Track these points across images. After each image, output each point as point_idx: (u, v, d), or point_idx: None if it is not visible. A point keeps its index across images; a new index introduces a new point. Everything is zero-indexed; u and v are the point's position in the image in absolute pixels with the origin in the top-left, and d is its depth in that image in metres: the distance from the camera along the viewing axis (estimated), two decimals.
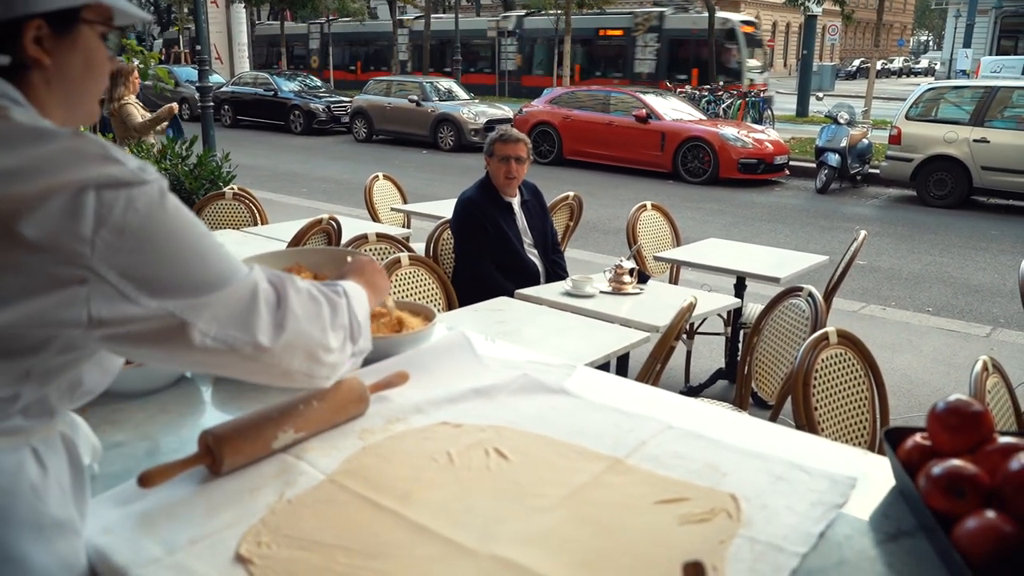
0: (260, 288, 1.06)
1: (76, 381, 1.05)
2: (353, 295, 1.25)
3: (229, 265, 1.04)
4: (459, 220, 3.98)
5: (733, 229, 9.36)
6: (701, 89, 20.34)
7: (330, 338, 1.16)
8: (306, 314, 1.12)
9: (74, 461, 1.10)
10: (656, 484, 1.23)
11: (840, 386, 2.62)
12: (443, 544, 1.09)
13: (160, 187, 0.98)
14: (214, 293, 1.01)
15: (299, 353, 1.11)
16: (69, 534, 1.05)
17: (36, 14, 0.99)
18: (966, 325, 6.17)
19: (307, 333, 1.12)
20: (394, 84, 19.04)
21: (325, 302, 1.17)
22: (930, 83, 11.91)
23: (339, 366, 1.20)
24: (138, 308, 0.95)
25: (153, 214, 0.96)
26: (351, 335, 1.21)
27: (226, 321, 1.02)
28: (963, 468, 1.08)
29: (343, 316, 1.20)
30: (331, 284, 1.23)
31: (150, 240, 0.96)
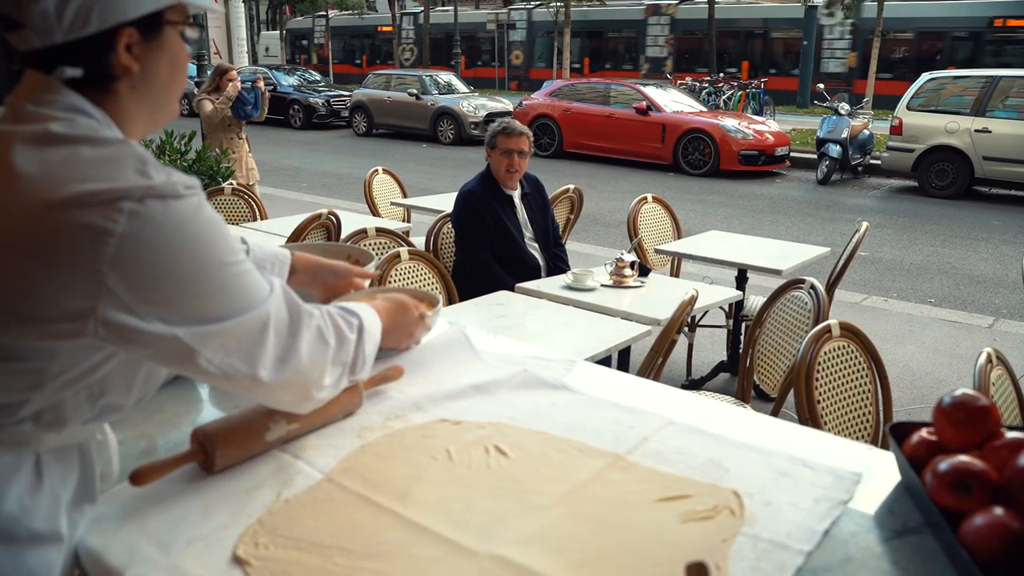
0: (272, 320, 1.05)
1: (96, 392, 1.04)
2: (368, 331, 1.25)
3: (249, 292, 1.03)
4: (460, 213, 3.96)
5: (734, 221, 9.33)
6: (701, 81, 20.29)
7: (326, 377, 1.16)
8: (311, 355, 1.11)
9: (85, 475, 1.10)
10: (658, 481, 1.22)
11: (843, 379, 2.61)
12: (442, 544, 1.08)
13: (196, 202, 0.97)
14: (227, 322, 1.00)
15: (292, 389, 1.12)
16: (46, 547, 1.03)
17: (128, 22, 0.99)
18: (968, 316, 6.15)
19: (306, 373, 1.11)
20: (394, 78, 19.00)
21: (334, 340, 1.16)
22: (932, 74, 11.85)
23: (327, 399, 1.22)
24: (146, 325, 0.94)
25: (179, 232, 0.94)
26: (351, 369, 1.22)
27: (233, 351, 1.01)
28: (970, 464, 1.07)
29: (347, 352, 1.20)
30: (349, 314, 1.23)
31: (170, 261, 0.94)
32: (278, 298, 1.07)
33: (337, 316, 1.19)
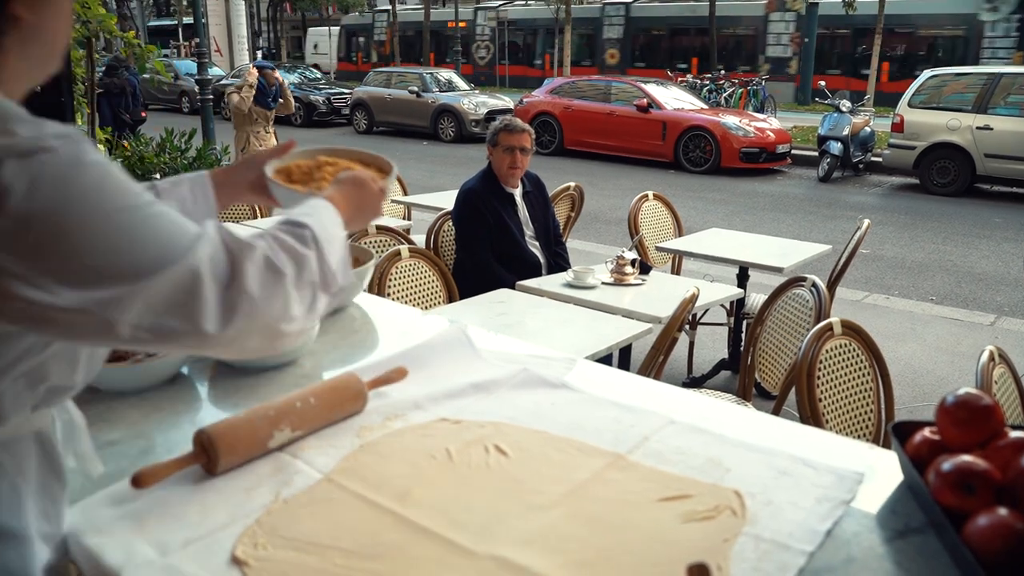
0: (204, 269, 0.90)
1: (37, 377, 0.95)
2: (326, 238, 1.07)
3: (169, 241, 0.89)
4: (460, 211, 3.95)
5: (735, 219, 9.32)
6: (702, 78, 20.26)
7: (293, 307, 1.00)
8: (264, 291, 0.96)
9: (48, 463, 1.04)
10: (658, 480, 1.21)
11: (844, 377, 2.60)
12: (442, 544, 1.07)
13: (72, 152, 0.85)
14: (146, 280, 0.86)
15: (254, 334, 0.97)
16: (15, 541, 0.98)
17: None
18: (970, 314, 6.14)
19: (264, 312, 0.96)
20: (394, 75, 18.98)
21: (290, 265, 1.00)
22: (933, 70, 11.83)
23: (307, 329, 1.07)
24: (50, 298, 0.82)
25: (64, 187, 0.82)
26: (322, 286, 1.06)
27: (162, 310, 0.88)
28: (973, 464, 1.06)
29: (310, 271, 1.03)
30: (297, 227, 1.05)
31: (61, 221, 0.82)
32: (210, 239, 0.93)
33: (285, 235, 1.03)
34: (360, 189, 1.31)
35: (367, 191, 1.32)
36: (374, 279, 3.21)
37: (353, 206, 1.27)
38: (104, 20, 5.40)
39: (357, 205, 1.28)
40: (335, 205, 1.20)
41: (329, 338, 1.77)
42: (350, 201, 1.26)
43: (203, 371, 1.63)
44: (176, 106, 22.30)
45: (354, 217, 1.27)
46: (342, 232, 1.16)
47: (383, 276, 3.22)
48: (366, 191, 1.32)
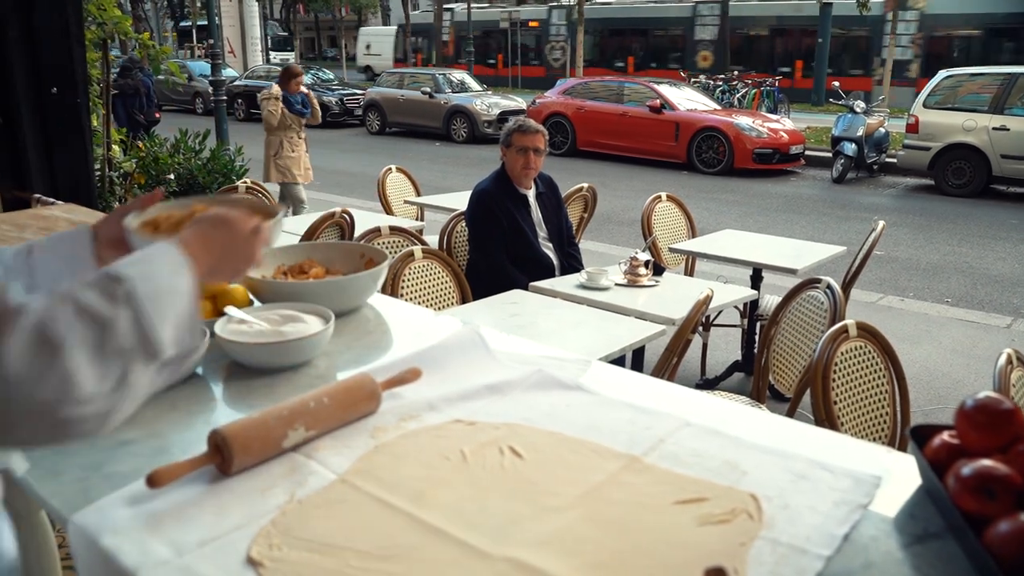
0: None
1: None
2: (147, 293, 0.88)
3: None
4: (474, 212, 3.95)
5: (748, 220, 9.29)
6: (715, 79, 20.20)
7: (83, 384, 0.81)
8: (29, 368, 0.77)
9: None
10: (674, 483, 1.20)
11: (860, 380, 2.59)
12: (457, 546, 1.07)
13: None
14: None
15: (19, 423, 0.80)
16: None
17: None
18: (986, 316, 6.10)
19: (27, 395, 0.78)
20: (407, 76, 19.04)
21: (79, 332, 0.81)
22: (948, 71, 11.76)
23: (116, 411, 0.88)
24: None
25: None
26: (143, 354, 0.87)
27: None
28: (994, 468, 1.05)
29: (118, 336, 0.84)
30: (109, 281, 0.87)
31: None
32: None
33: (86, 291, 0.84)
34: (224, 229, 1.08)
35: (234, 231, 1.09)
36: (388, 280, 3.21)
37: (215, 250, 1.05)
38: (120, 21, 5.43)
39: (221, 249, 1.06)
40: (186, 250, 0.99)
41: (343, 339, 1.77)
42: (210, 244, 1.05)
43: (218, 371, 1.63)
44: (190, 107, 22.42)
45: (218, 265, 1.05)
46: (185, 283, 0.95)
47: (396, 277, 3.23)
48: (232, 231, 1.09)
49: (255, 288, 1.86)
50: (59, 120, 4.02)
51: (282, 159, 7.44)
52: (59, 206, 3.01)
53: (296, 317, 1.67)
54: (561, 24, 29.15)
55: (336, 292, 1.86)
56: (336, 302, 1.81)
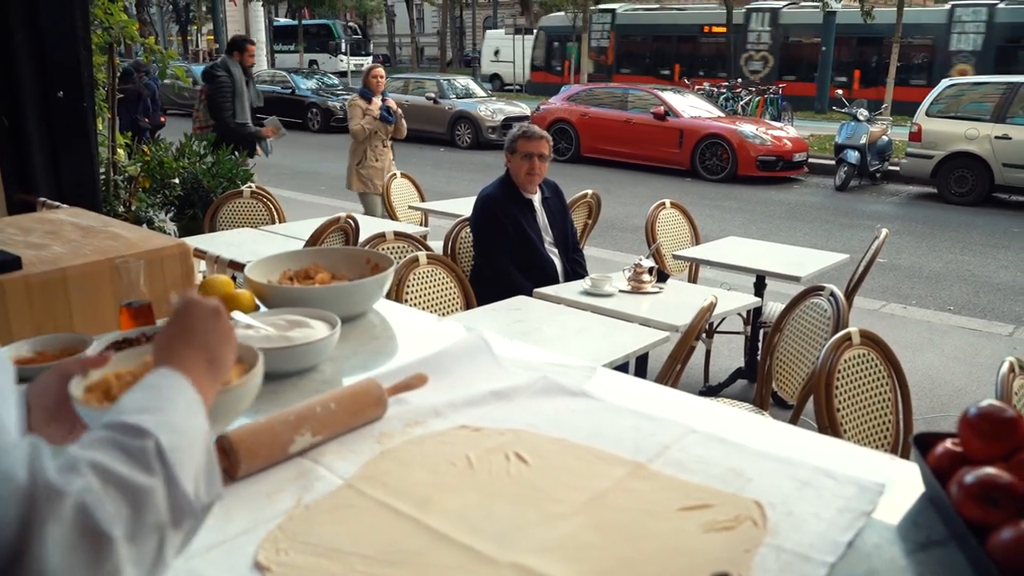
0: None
1: None
2: (175, 446, 0.76)
3: None
4: (479, 217, 3.96)
5: (752, 227, 9.29)
6: (719, 86, 20.21)
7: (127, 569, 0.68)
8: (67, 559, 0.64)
9: None
10: (679, 490, 1.21)
11: (863, 387, 2.59)
12: (462, 551, 1.07)
13: None
14: None
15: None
16: None
17: None
18: (988, 324, 6.10)
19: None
20: (411, 82, 19.06)
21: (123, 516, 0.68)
22: (951, 80, 11.76)
23: None
24: None
25: None
26: (174, 523, 0.74)
27: None
28: (997, 476, 1.05)
29: (155, 509, 0.72)
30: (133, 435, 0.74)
31: None
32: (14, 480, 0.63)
33: (115, 463, 0.70)
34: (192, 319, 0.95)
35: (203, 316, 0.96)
36: (392, 286, 3.22)
37: (203, 348, 0.93)
38: (126, 26, 5.46)
39: (211, 352, 0.93)
40: (184, 369, 0.87)
41: (349, 344, 1.78)
42: (194, 343, 0.92)
43: None
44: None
45: (212, 370, 0.93)
46: (201, 421, 0.84)
47: (401, 282, 3.24)
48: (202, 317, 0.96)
49: (261, 293, 1.87)
50: (64, 124, 4.04)
51: (365, 168, 7.18)
52: (64, 209, 3.03)
53: (302, 322, 1.68)
54: (763, 30, 24.72)
55: (342, 297, 1.87)
56: (342, 307, 1.82)
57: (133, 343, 1.58)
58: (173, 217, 6.39)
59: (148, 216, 5.93)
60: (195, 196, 6.20)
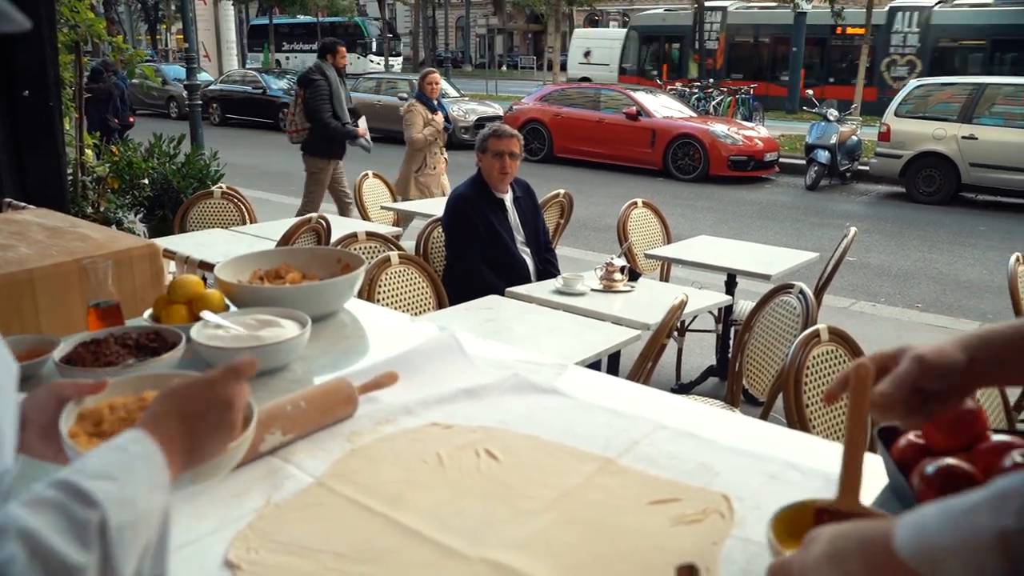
0: None
1: None
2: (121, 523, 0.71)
3: None
4: (450, 217, 3.96)
5: (723, 226, 9.36)
6: (691, 86, 20.32)
7: None
8: None
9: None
10: (648, 485, 1.22)
11: (831, 383, 2.62)
12: (434, 548, 1.08)
13: None
14: None
15: None
16: None
17: None
18: (955, 321, 6.19)
19: None
20: (384, 82, 18.99)
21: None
22: (919, 80, 11.93)
23: None
24: None
25: None
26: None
27: None
28: (957, 467, 1.07)
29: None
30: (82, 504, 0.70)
31: None
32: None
33: (51, 527, 0.67)
34: (199, 397, 0.90)
35: (212, 396, 0.91)
36: (364, 285, 3.21)
37: (192, 432, 0.88)
38: (93, 24, 5.40)
39: (200, 428, 0.89)
40: (163, 444, 0.83)
41: (320, 344, 1.78)
42: (187, 427, 0.88)
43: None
44: (164, 111, 22.23)
45: (194, 449, 0.88)
46: (161, 503, 0.79)
47: (373, 282, 3.23)
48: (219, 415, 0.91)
49: (231, 293, 1.86)
50: (30, 123, 3.99)
51: (424, 176, 6.92)
52: (31, 210, 2.99)
53: (272, 322, 1.67)
54: (910, 32, 21.64)
55: (313, 297, 1.86)
56: (313, 307, 1.81)
57: (101, 344, 1.57)
58: (143, 218, 6.33)
59: (117, 217, 5.88)
60: (165, 197, 6.14)
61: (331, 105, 6.92)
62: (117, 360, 1.53)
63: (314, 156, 7.12)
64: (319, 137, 6.95)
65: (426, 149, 6.93)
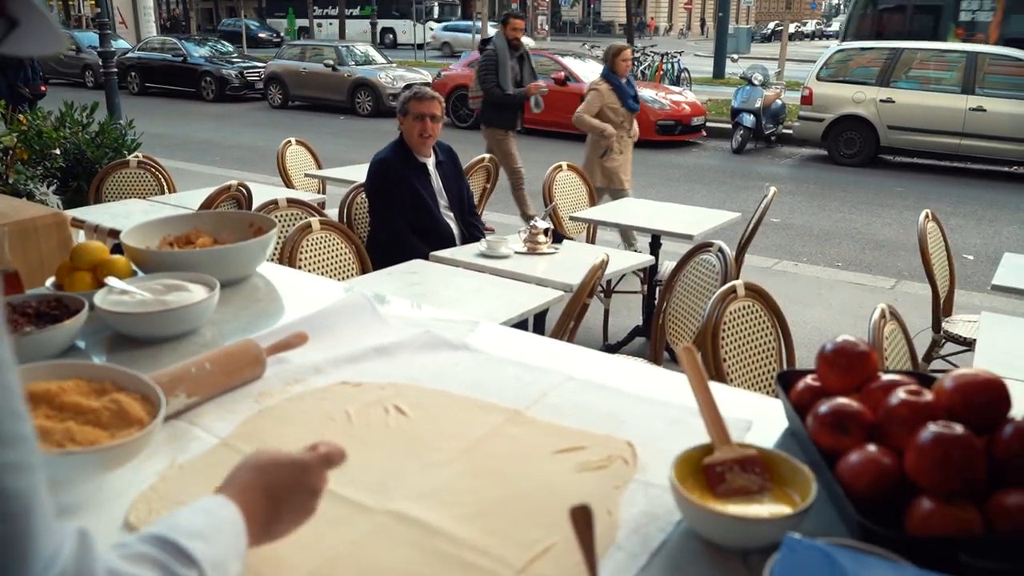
0: None
1: None
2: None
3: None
4: (373, 181, 3.92)
5: (651, 190, 9.45)
6: None
7: None
8: None
9: None
10: (555, 434, 1.24)
11: (748, 337, 2.68)
12: (339, 503, 1.07)
13: None
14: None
15: None
16: None
17: None
18: (872, 278, 6.39)
19: None
20: (309, 48, 18.61)
21: None
22: (840, 45, 12.16)
23: None
24: None
25: None
26: None
27: None
28: (847, 405, 1.11)
29: None
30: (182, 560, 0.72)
31: None
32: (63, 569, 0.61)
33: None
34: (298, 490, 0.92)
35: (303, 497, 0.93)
36: (284, 253, 3.16)
37: (271, 517, 0.89)
38: None
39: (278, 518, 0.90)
40: (244, 514, 0.85)
41: (231, 308, 1.75)
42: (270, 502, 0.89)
43: (99, 344, 1.59)
44: (80, 80, 21.42)
45: (269, 531, 0.90)
46: (239, 568, 0.82)
47: (294, 249, 3.18)
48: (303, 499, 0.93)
49: (138, 259, 1.81)
50: None
51: (611, 161, 6.18)
52: None
53: (180, 286, 1.64)
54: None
55: (222, 260, 1.83)
56: (223, 271, 1.78)
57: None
58: (56, 190, 6.10)
59: (28, 189, 5.65)
60: (79, 168, 5.93)
61: (496, 74, 6.96)
62: (15, 328, 1.48)
63: (490, 127, 7.29)
64: (489, 107, 7.16)
65: (613, 133, 6.13)
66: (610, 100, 6.12)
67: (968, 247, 7.31)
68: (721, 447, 1.09)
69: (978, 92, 10.46)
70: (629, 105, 6.18)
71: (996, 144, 10.40)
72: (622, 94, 6.15)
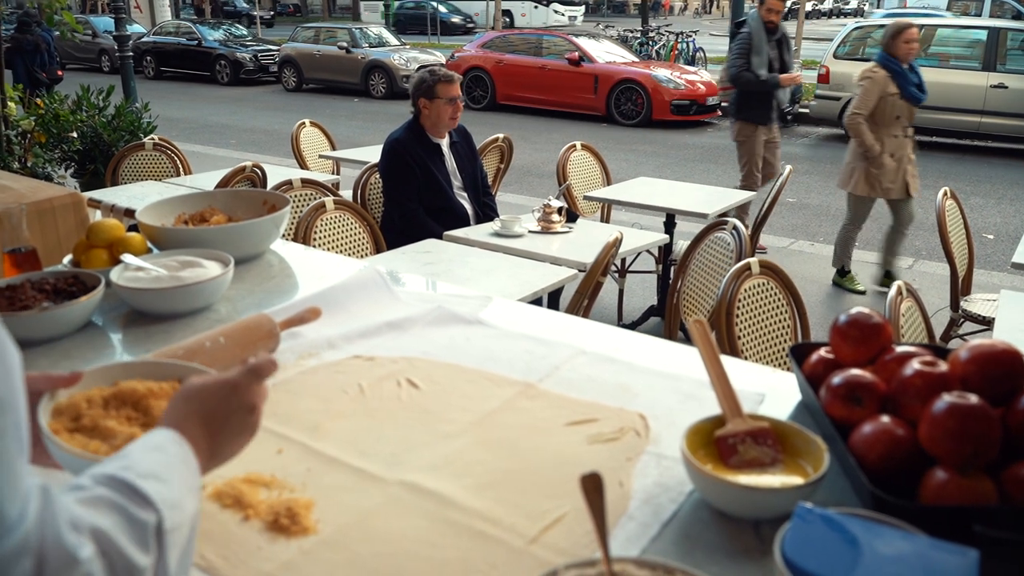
0: None
1: None
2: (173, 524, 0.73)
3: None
4: (387, 162, 3.91)
5: (666, 170, 9.41)
6: (633, 31, 20.23)
7: None
8: None
9: None
10: (567, 407, 1.24)
11: (763, 314, 2.67)
12: (352, 473, 1.08)
13: None
14: None
15: None
16: None
17: None
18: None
19: None
20: (323, 31, 18.58)
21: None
22: (857, 22, 12.02)
23: None
24: None
25: None
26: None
27: None
28: (860, 376, 1.10)
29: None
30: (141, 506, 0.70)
31: None
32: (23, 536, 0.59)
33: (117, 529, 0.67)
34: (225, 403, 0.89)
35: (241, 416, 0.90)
36: (299, 232, 3.17)
37: (216, 436, 0.88)
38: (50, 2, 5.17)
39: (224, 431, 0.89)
40: (192, 446, 0.84)
41: (245, 284, 1.76)
42: (212, 430, 0.87)
43: (116, 320, 1.61)
44: (96, 65, 21.48)
45: (214, 456, 0.88)
46: (196, 503, 0.80)
47: (308, 228, 3.19)
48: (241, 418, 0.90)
49: (154, 236, 1.82)
50: None
51: (876, 166, 5.36)
52: None
53: (195, 263, 1.65)
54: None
55: (236, 237, 1.83)
56: (237, 248, 1.79)
57: (17, 290, 1.53)
58: (74, 173, 6.15)
59: (46, 172, 5.70)
60: (96, 151, 5.97)
61: (748, 58, 6.04)
62: (32, 304, 1.50)
63: (738, 120, 6.25)
64: (739, 96, 6.19)
65: (884, 131, 5.29)
66: (888, 89, 5.22)
67: (988, 226, 7.24)
68: (733, 419, 1.08)
69: (999, 69, 10.31)
70: (912, 93, 5.24)
71: (1018, 122, 10.26)
72: (903, 81, 5.21)
